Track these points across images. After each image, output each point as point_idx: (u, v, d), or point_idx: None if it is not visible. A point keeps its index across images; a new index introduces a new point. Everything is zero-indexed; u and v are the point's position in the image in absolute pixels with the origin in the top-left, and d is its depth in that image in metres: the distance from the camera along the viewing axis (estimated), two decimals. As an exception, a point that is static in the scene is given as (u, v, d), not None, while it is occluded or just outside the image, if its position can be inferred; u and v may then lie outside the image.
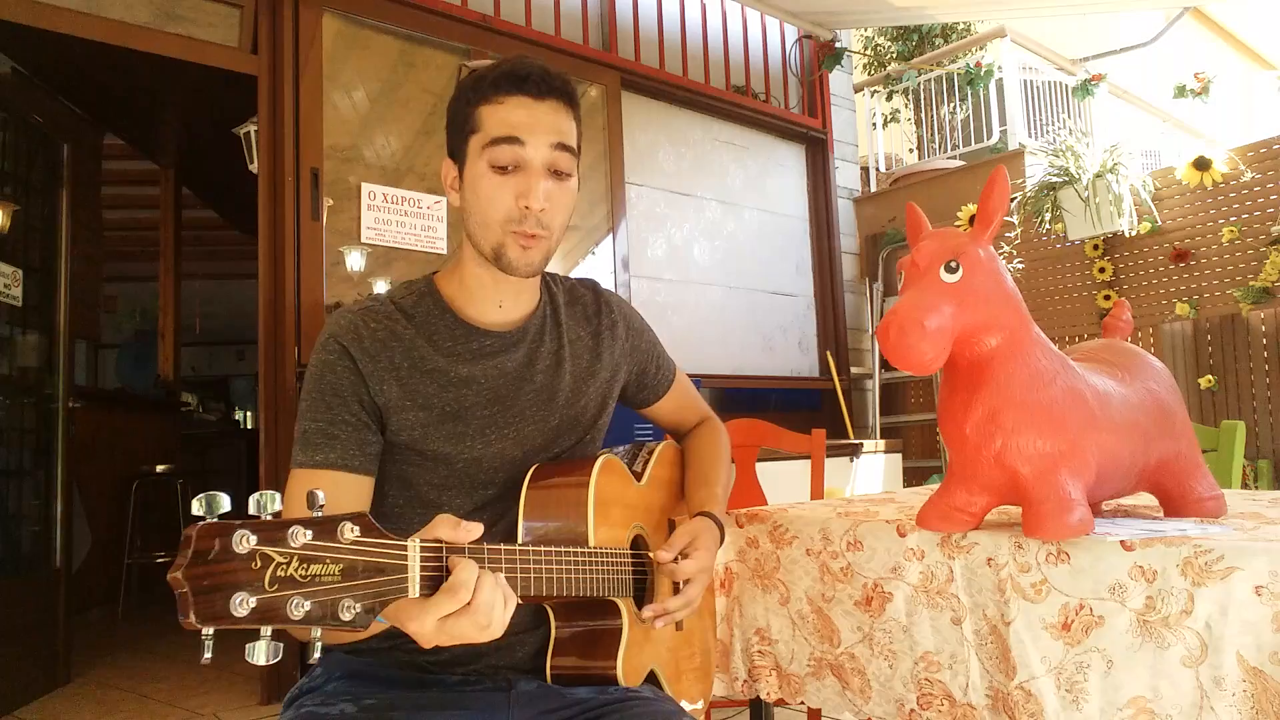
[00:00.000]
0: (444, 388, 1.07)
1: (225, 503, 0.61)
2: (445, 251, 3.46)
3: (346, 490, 1.02)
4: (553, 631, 1.06)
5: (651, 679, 1.12)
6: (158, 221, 5.78)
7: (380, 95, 3.40)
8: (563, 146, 1.06)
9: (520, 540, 1.03)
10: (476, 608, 0.76)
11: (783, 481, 2.80)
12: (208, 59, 3.07)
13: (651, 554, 1.13)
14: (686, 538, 1.12)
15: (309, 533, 0.64)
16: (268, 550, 0.62)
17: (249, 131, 3.38)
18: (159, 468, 4.63)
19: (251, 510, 0.63)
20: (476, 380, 1.09)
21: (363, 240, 3.25)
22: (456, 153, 1.09)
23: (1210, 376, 3.88)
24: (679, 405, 1.36)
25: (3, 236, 3.06)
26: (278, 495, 0.64)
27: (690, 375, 1.40)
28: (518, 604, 0.84)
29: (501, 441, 1.09)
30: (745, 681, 1.32)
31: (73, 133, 3.52)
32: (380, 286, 3.30)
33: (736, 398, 4.38)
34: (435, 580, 0.75)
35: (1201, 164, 3.83)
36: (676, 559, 1.10)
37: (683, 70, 4.40)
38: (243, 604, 0.59)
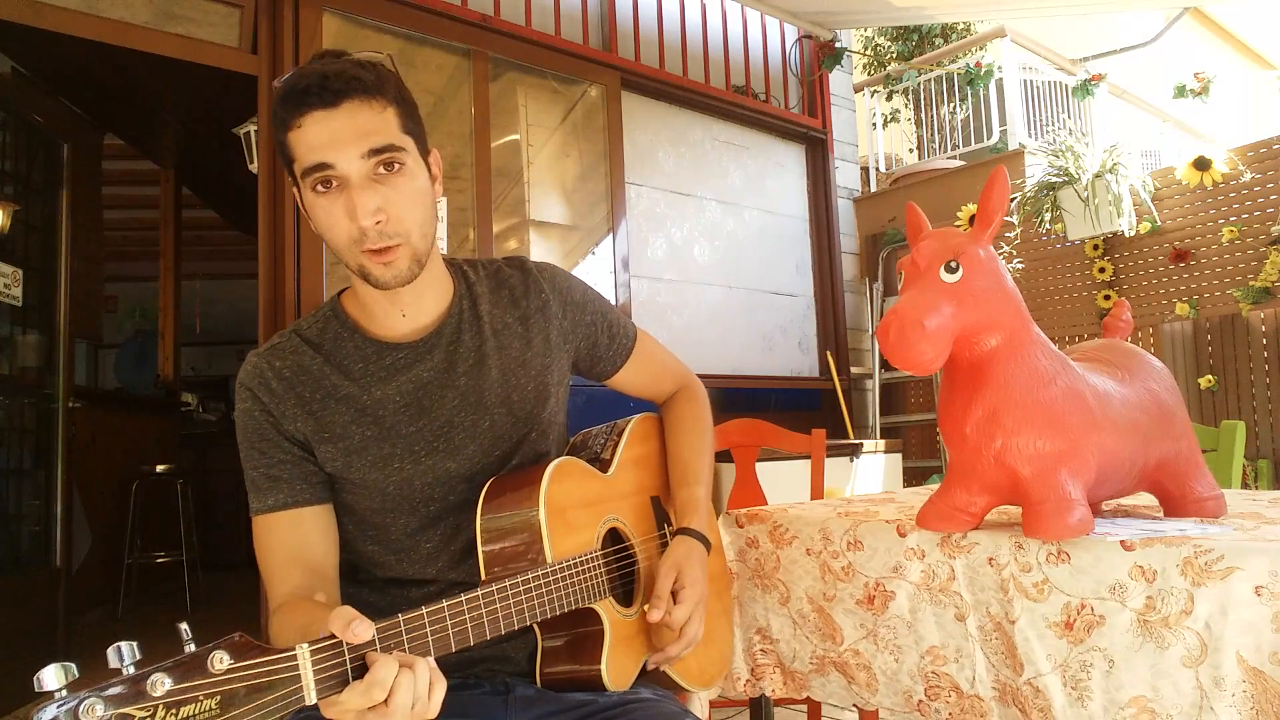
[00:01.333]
0: (359, 413, 1.04)
1: (73, 671, 0.58)
2: (445, 252, 3.45)
3: (306, 524, 1.02)
4: (539, 642, 1.05)
5: (656, 671, 1.11)
6: (158, 221, 5.78)
7: (380, 95, 3.39)
8: (375, 150, 0.96)
9: (482, 573, 1.01)
10: (394, 708, 0.73)
11: (783, 481, 2.80)
12: (208, 59, 3.07)
13: (645, 609, 1.09)
14: (670, 575, 1.08)
15: (169, 679, 0.61)
16: (125, 711, 0.59)
17: (249, 131, 3.38)
18: (159, 468, 4.63)
19: (112, 664, 0.61)
20: (392, 399, 1.05)
21: (363, 240, 3.25)
22: (294, 181, 1.02)
23: (1210, 376, 3.88)
24: (647, 373, 1.29)
25: (3, 236, 3.06)
26: (135, 645, 0.61)
27: (690, 375, 1.38)
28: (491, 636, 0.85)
29: (432, 456, 1.05)
30: (748, 681, 1.32)
31: (73, 133, 3.52)
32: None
33: (736, 398, 4.38)
34: (337, 678, 0.72)
35: (1201, 164, 3.83)
36: (669, 611, 1.06)
37: (683, 70, 4.40)
38: None
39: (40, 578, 3.13)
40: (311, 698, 0.70)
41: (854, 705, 1.20)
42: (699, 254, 4.42)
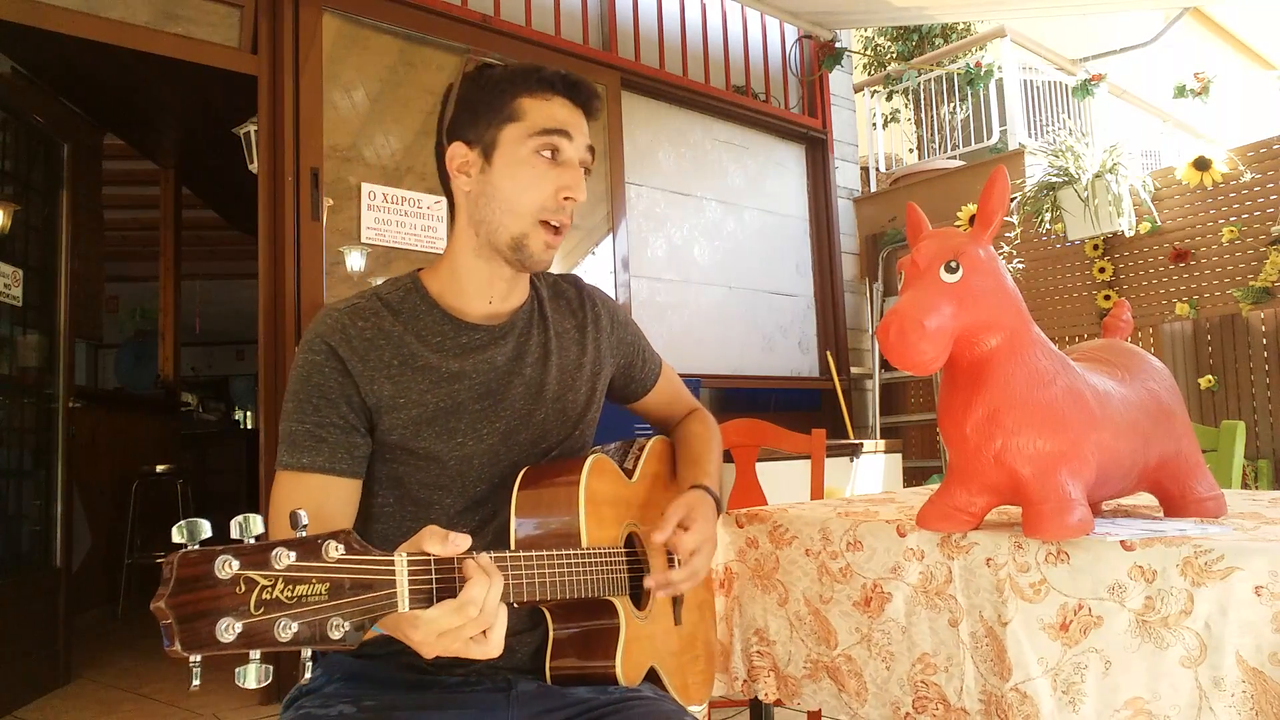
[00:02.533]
0: (435, 384, 1.06)
1: (206, 529, 0.61)
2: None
3: (334, 494, 1.01)
4: (550, 633, 1.06)
5: (653, 678, 1.12)
6: (158, 221, 5.78)
7: (380, 95, 3.40)
8: (590, 148, 1.11)
9: (512, 544, 1.03)
10: (485, 620, 0.76)
11: (783, 481, 2.80)
12: (208, 59, 3.07)
13: (649, 538, 1.11)
14: (681, 511, 1.10)
15: (292, 554, 0.64)
16: (251, 574, 0.61)
17: (249, 131, 3.38)
18: (159, 468, 4.63)
19: (234, 534, 0.63)
20: (467, 375, 1.08)
21: (363, 240, 3.25)
22: (480, 138, 1.08)
23: (1210, 376, 3.88)
24: (667, 399, 1.36)
25: (3, 236, 3.06)
26: (259, 518, 0.63)
27: (690, 375, 1.40)
28: (514, 608, 0.85)
29: (492, 437, 1.08)
30: (745, 682, 1.32)
31: (73, 133, 3.52)
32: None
33: (736, 398, 4.38)
34: (425, 594, 0.74)
35: (1201, 164, 3.83)
36: (676, 533, 1.08)
37: (683, 70, 4.40)
38: (228, 629, 0.59)
39: (40, 578, 3.13)
40: (404, 605, 0.72)
41: (843, 716, 1.19)
42: (699, 254, 4.41)
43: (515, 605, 0.88)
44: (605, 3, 4.20)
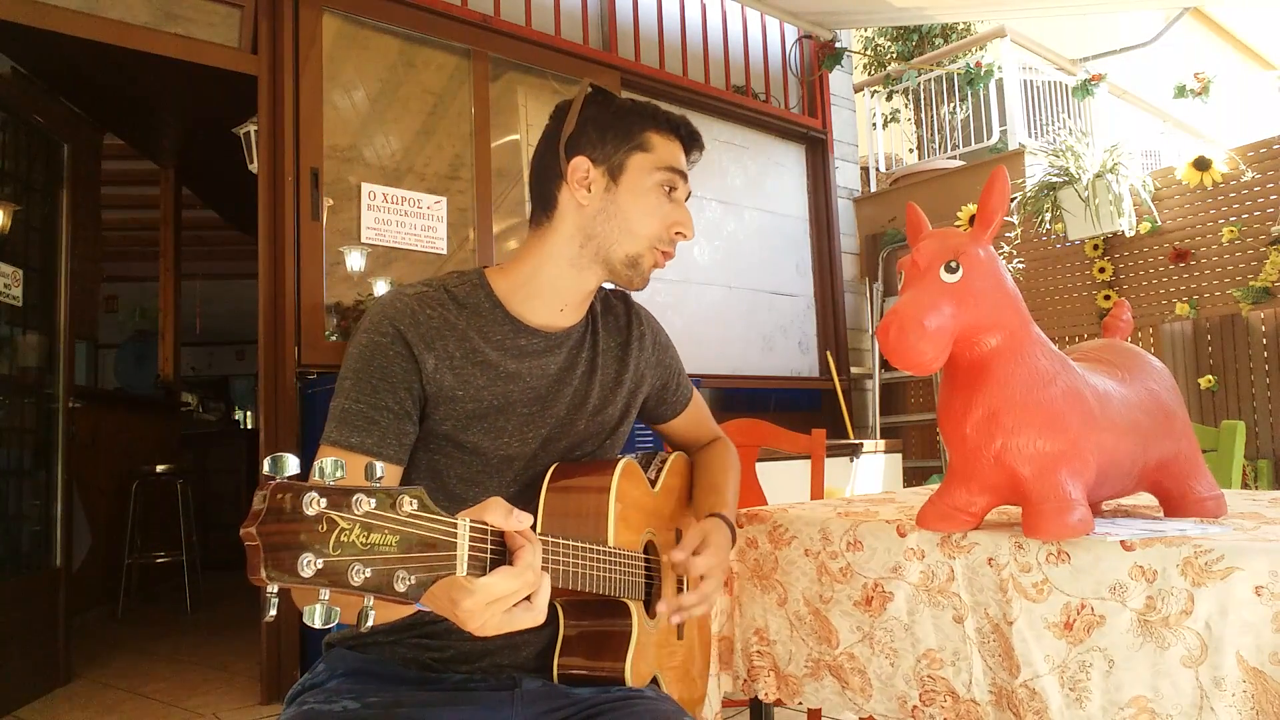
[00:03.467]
0: (493, 380, 1.07)
1: (294, 464, 0.62)
2: (445, 252, 3.46)
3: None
4: (561, 630, 1.06)
5: (658, 683, 1.12)
6: (158, 221, 5.78)
7: (380, 95, 3.40)
8: (689, 196, 1.18)
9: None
10: (537, 587, 0.78)
11: (783, 481, 2.80)
12: (208, 59, 3.07)
13: (664, 556, 1.13)
14: (698, 537, 1.12)
15: (372, 501, 0.65)
16: (334, 515, 0.62)
17: (249, 131, 3.38)
18: (159, 467, 4.63)
19: (314, 476, 0.64)
20: (523, 377, 1.10)
21: (363, 240, 3.25)
22: (607, 159, 1.12)
23: (1210, 376, 3.88)
24: (694, 425, 1.38)
25: (3, 236, 3.06)
26: (341, 463, 0.64)
27: (690, 375, 1.40)
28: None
29: (535, 441, 1.10)
30: (745, 681, 1.32)
31: (73, 133, 3.52)
32: (380, 286, 3.30)
33: (736, 398, 4.38)
34: (480, 562, 0.75)
35: (1201, 164, 3.83)
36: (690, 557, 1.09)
37: (683, 70, 4.40)
38: (309, 565, 0.60)
39: (40, 578, 3.13)
40: (462, 569, 0.73)
41: (847, 712, 1.20)
42: (699, 254, 4.42)
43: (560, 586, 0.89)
44: (605, 3, 4.20)
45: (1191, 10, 7.41)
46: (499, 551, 0.78)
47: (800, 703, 1.25)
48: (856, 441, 3.90)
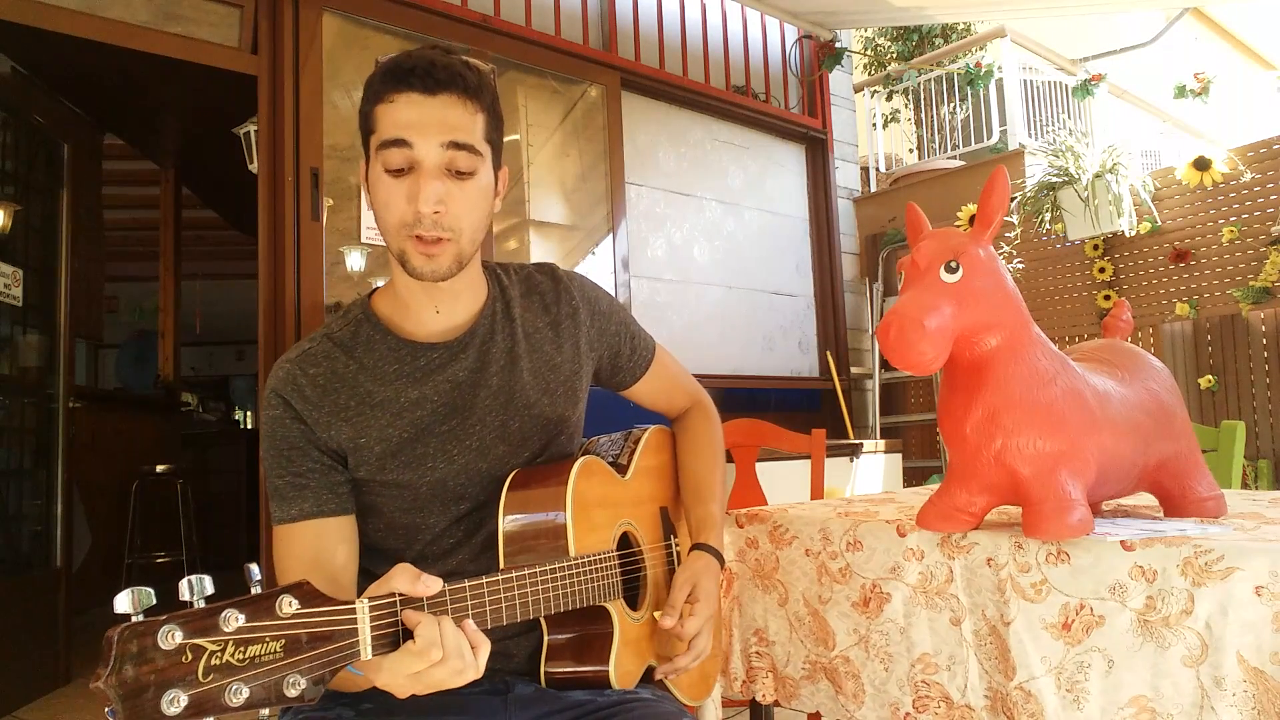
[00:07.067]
0: (396, 416, 1.04)
1: (150, 597, 0.60)
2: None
3: (330, 535, 1.01)
4: (545, 638, 1.06)
5: (651, 677, 1.12)
6: (158, 221, 5.78)
7: (380, 95, 3.39)
8: (456, 145, 0.97)
9: (501, 555, 1.02)
10: (448, 659, 0.75)
11: (783, 481, 2.80)
12: (208, 59, 3.07)
13: (655, 615, 1.11)
14: (686, 588, 1.10)
15: (241, 615, 0.63)
16: (198, 641, 0.60)
17: (249, 131, 3.37)
18: (159, 468, 4.63)
19: (184, 596, 0.62)
20: (429, 399, 1.05)
21: (363, 240, 3.25)
22: (364, 152, 1.04)
23: (1210, 376, 3.88)
24: (661, 386, 1.30)
25: (3, 236, 3.06)
26: (208, 579, 0.63)
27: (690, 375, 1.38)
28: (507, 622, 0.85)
29: (465, 455, 1.06)
30: (744, 682, 1.32)
31: (73, 133, 3.52)
32: (380, 286, 3.30)
33: (736, 398, 4.38)
34: (392, 637, 0.74)
35: (1201, 164, 3.83)
36: (681, 620, 1.08)
37: (683, 70, 4.40)
38: (174, 702, 0.58)
39: (40, 578, 3.13)
40: (367, 653, 0.71)
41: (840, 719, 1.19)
42: (699, 254, 4.41)
43: (507, 622, 0.88)
44: (605, 3, 4.20)
45: (1191, 10, 7.41)
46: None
47: (796, 705, 1.25)
48: (856, 441, 3.90)
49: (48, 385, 3.27)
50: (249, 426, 8.56)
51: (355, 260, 3.25)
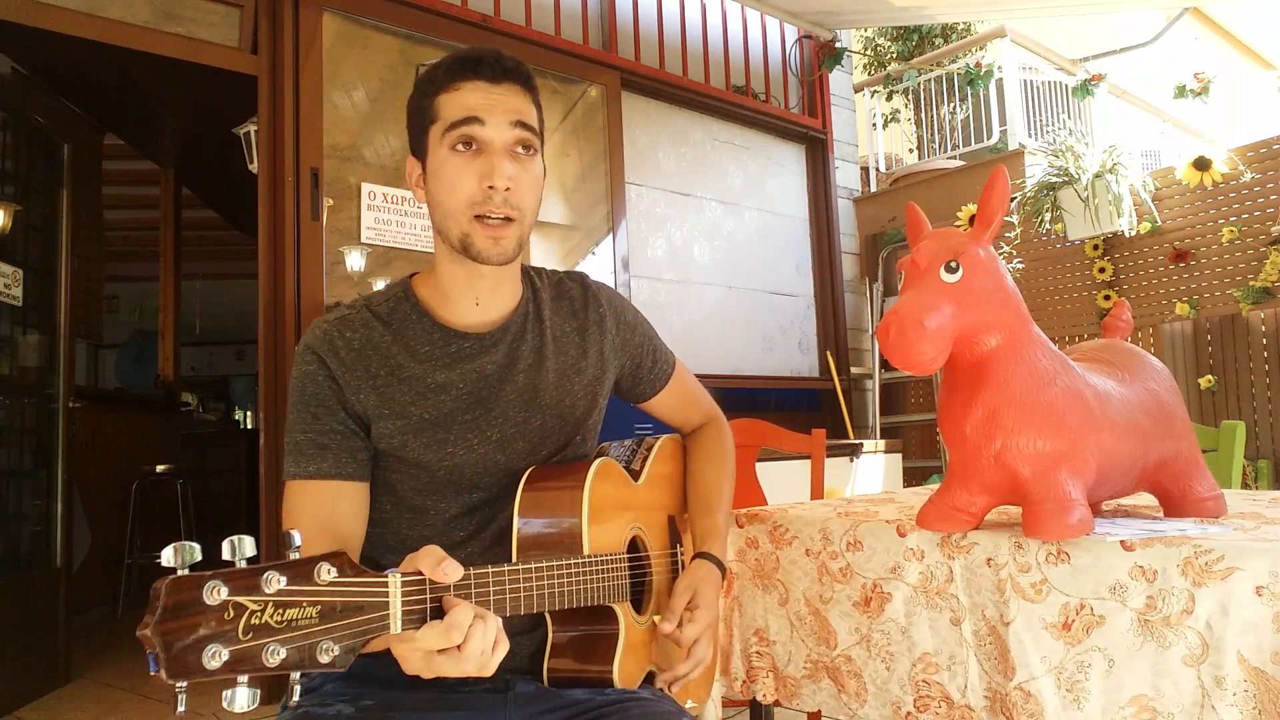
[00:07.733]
0: (421, 395, 1.05)
1: (197, 553, 0.61)
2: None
3: (345, 498, 1.02)
4: (549, 635, 1.06)
5: (652, 680, 1.12)
6: (158, 221, 5.78)
7: (380, 95, 3.40)
8: (523, 125, 1.04)
9: (514, 549, 1.03)
10: (466, 655, 0.75)
11: (783, 481, 2.80)
12: (208, 59, 3.07)
13: (655, 619, 1.12)
14: (687, 594, 1.11)
15: (283, 578, 0.63)
16: (241, 600, 0.61)
17: (249, 131, 3.37)
18: (159, 468, 4.63)
19: (225, 555, 0.63)
20: (455, 385, 1.07)
21: (363, 240, 3.25)
22: (419, 148, 1.08)
23: (1210, 376, 3.88)
24: (679, 400, 1.33)
25: (3, 236, 3.06)
26: (250, 540, 0.63)
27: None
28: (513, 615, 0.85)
29: (484, 446, 1.08)
30: (744, 682, 1.32)
31: (73, 133, 3.52)
32: (380, 287, 3.30)
33: (736, 398, 4.38)
34: (419, 614, 0.74)
35: (1201, 164, 3.83)
36: (681, 625, 1.08)
37: (683, 70, 4.40)
38: (215, 656, 0.59)
39: (40, 578, 3.13)
40: (396, 627, 0.72)
41: (842, 717, 1.19)
42: (699, 254, 4.42)
43: (524, 612, 0.89)
44: (605, 3, 4.20)
45: (1191, 10, 7.41)
46: (439, 598, 0.77)
47: (797, 705, 1.25)
48: (856, 441, 3.90)
49: (48, 385, 3.27)
50: (249, 426, 8.56)
51: (355, 260, 3.25)
